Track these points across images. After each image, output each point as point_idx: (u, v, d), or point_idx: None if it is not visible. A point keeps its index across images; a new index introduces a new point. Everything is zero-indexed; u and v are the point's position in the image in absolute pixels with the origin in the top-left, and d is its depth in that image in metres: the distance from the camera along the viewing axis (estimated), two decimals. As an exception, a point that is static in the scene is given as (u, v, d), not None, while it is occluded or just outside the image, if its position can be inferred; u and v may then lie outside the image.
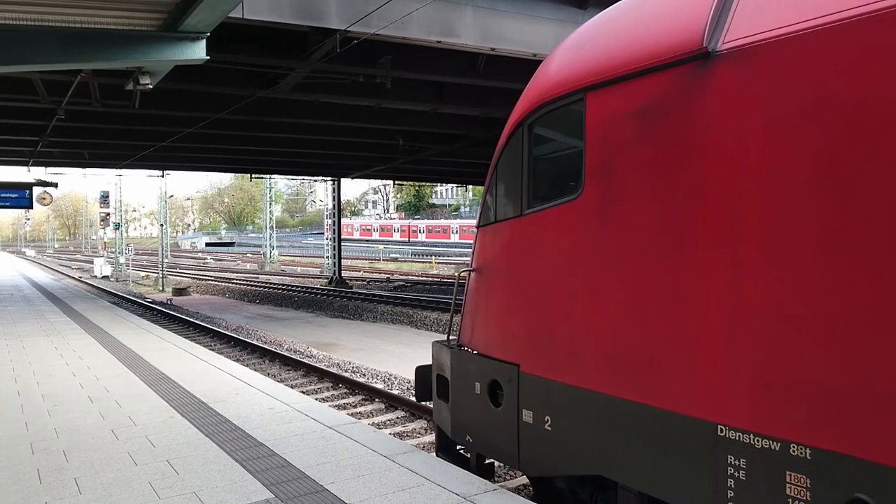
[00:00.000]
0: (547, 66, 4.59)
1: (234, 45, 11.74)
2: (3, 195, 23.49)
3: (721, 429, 3.20)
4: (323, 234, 49.87)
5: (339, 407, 9.94)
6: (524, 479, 6.34)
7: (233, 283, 38.52)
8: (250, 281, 39.15)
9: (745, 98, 3.12)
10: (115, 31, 7.98)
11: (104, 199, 50.66)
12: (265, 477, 4.67)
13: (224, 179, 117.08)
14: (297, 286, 34.02)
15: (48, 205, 31.92)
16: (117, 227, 50.94)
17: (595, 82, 3.93)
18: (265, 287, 34.45)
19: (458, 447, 5.61)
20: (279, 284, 35.63)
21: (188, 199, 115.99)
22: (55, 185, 25.86)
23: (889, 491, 2.59)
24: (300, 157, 26.83)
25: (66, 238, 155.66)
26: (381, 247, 67.28)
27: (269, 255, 54.36)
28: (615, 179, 3.81)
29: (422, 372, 5.97)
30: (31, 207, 25.99)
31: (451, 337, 5.62)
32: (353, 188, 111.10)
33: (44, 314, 16.61)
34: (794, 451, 2.93)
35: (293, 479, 4.63)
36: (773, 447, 3.00)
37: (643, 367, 3.60)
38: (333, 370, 12.30)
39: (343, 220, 45.02)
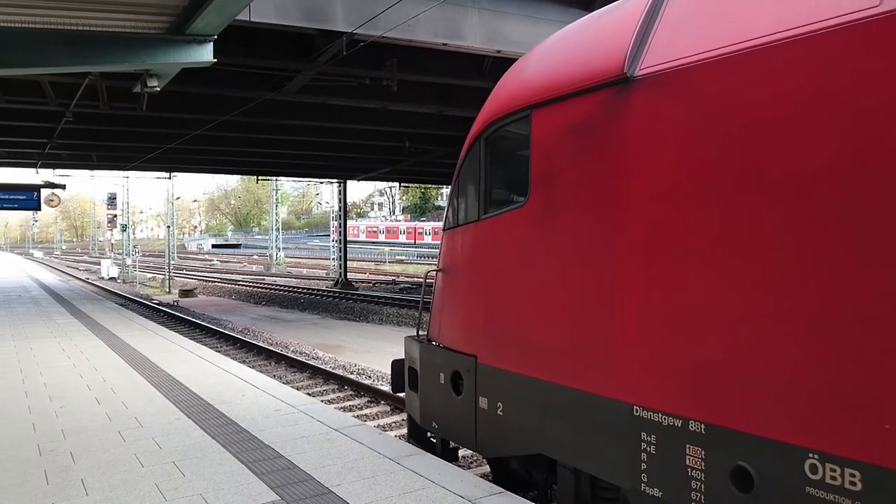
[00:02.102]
0: (500, 86, 5.09)
1: (241, 47, 11.78)
2: (11, 197, 23.65)
3: (636, 409, 3.66)
4: (329, 235, 49.93)
5: (344, 409, 9.94)
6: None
7: (239, 284, 38.61)
8: (256, 283, 39.25)
9: (657, 117, 3.57)
10: (122, 33, 8.02)
11: (111, 200, 50.91)
12: (271, 479, 4.68)
13: (230, 181, 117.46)
14: (303, 288, 34.08)
15: (56, 206, 32.06)
16: (124, 228, 51.13)
17: (539, 101, 4.41)
18: (271, 289, 34.53)
19: (429, 435, 6.05)
20: (285, 286, 35.70)
21: (195, 200, 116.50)
22: (63, 186, 26.02)
23: (765, 459, 3.06)
24: (306, 159, 26.91)
25: (74, 240, 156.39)
26: (387, 249, 67.36)
27: (275, 257, 54.48)
28: (554, 188, 4.27)
29: (397, 365, 6.45)
30: (39, 209, 26.15)
31: (420, 332, 6.14)
32: (358, 190, 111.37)
33: (51, 315, 16.68)
34: (692, 427, 3.38)
35: (299, 480, 4.63)
36: (676, 424, 3.46)
37: (575, 355, 4.06)
38: (339, 372, 12.31)
39: (349, 222, 45.08)
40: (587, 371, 3.97)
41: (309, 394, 11.06)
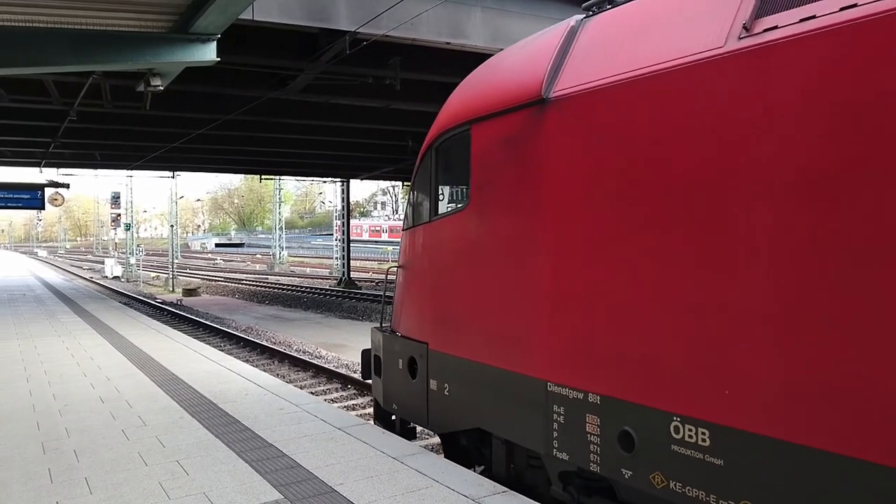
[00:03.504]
0: (449, 102, 5.68)
1: (244, 46, 11.78)
2: (15, 196, 23.71)
3: (549, 385, 4.27)
4: (332, 234, 49.93)
5: (347, 408, 9.95)
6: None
7: (242, 283, 38.67)
8: (259, 282, 39.30)
9: (565, 132, 4.17)
10: (126, 32, 8.02)
11: (115, 199, 51.02)
12: (274, 478, 4.68)
13: (234, 180, 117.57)
14: (307, 287, 34.10)
15: (60, 205, 32.13)
16: (128, 227, 51.24)
17: (476, 117, 4.99)
18: (274, 288, 34.57)
19: (393, 418, 6.60)
20: (288, 285, 35.74)
21: (198, 200, 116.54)
22: (67, 186, 26.07)
23: (642, 423, 3.67)
24: (309, 159, 26.91)
25: (78, 239, 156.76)
26: (390, 248, 67.36)
27: (278, 256, 54.55)
28: (488, 194, 4.85)
29: (365, 354, 7.10)
30: (43, 208, 26.22)
31: (384, 323, 6.76)
32: (361, 189, 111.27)
33: (55, 314, 16.72)
34: (590, 399, 4.00)
35: (302, 480, 4.63)
36: (579, 397, 4.07)
37: (503, 340, 4.67)
38: (342, 371, 12.31)
39: (352, 221, 45.09)
40: (512, 354, 4.59)
41: (312, 393, 11.07)
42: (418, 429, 7.15)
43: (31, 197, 23.94)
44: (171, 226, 44.84)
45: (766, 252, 3.13)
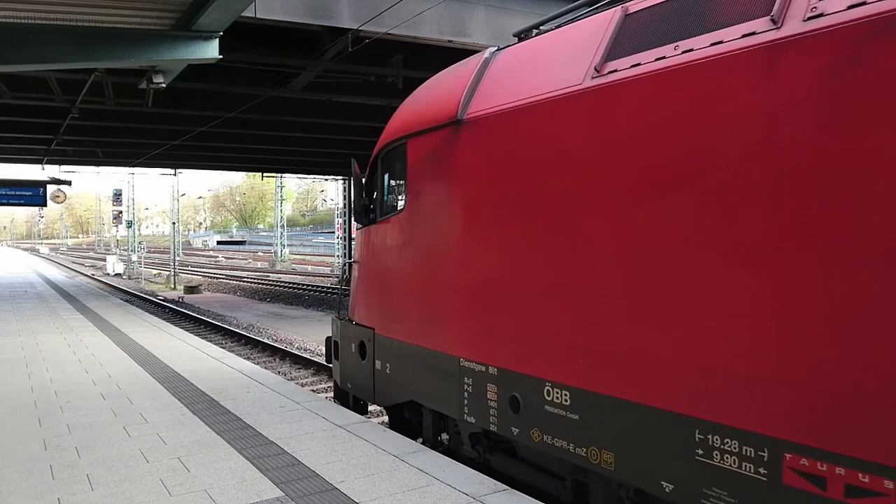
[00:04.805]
0: (393, 117, 6.40)
1: (246, 44, 11.78)
2: (17, 193, 23.72)
3: (462, 361, 5.07)
4: (333, 232, 49.96)
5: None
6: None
7: (244, 281, 38.70)
8: (261, 279, 39.33)
9: (474, 148, 4.96)
10: (128, 30, 8.03)
11: (117, 197, 51.04)
12: (275, 475, 4.68)
13: (235, 178, 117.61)
14: (308, 285, 34.12)
15: (62, 203, 32.18)
16: (130, 225, 51.30)
17: (412, 132, 5.78)
18: (276, 285, 34.59)
19: (353, 398, 7.35)
20: (290, 283, 35.76)
21: (200, 197, 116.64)
22: (69, 183, 26.10)
23: (525, 389, 4.48)
24: (311, 156, 26.92)
25: (80, 235, 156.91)
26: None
27: (279, 254, 54.55)
28: (420, 199, 5.62)
29: (328, 341, 7.85)
30: (45, 205, 26.23)
31: (342, 312, 7.66)
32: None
33: (57, 311, 16.75)
34: (490, 371, 4.78)
35: (303, 477, 4.64)
36: (482, 370, 4.86)
37: (429, 324, 5.49)
38: (343, 369, 12.30)
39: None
40: (435, 335, 5.39)
41: (313, 390, 11.08)
42: (371, 406, 7.95)
43: (33, 194, 23.96)
44: (173, 223, 44.90)
45: (606, 247, 3.92)
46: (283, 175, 49.23)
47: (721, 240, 3.31)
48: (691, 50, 3.50)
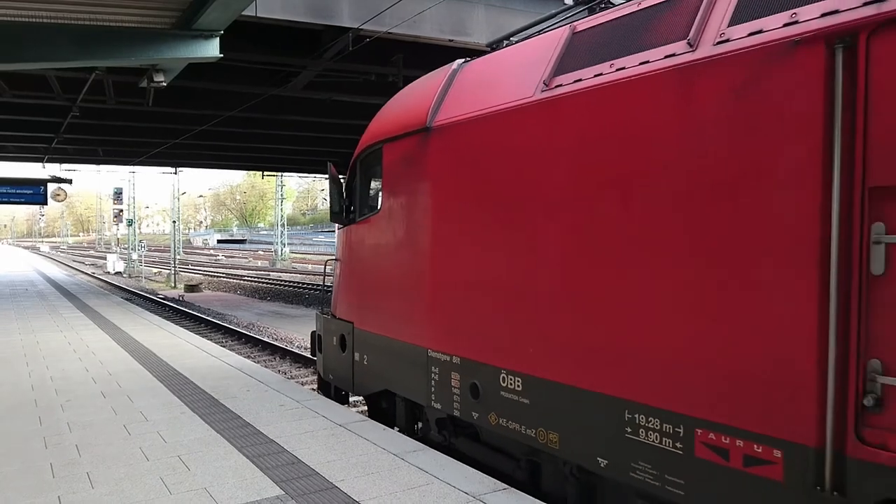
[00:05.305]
0: (371, 123, 6.75)
1: (247, 43, 11.78)
2: (18, 191, 23.71)
3: (430, 352, 5.48)
4: (334, 231, 49.93)
5: (349, 405, 9.95)
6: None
7: (244, 280, 38.70)
8: (261, 278, 39.31)
9: (440, 153, 5.37)
10: (129, 28, 8.03)
11: (117, 195, 51.02)
12: (275, 474, 4.69)
13: (236, 177, 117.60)
14: (308, 283, 34.10)
15: (62, 201, 32.19)
16: (130, 223, 51.30)
17: (387, 137, 6.17)
18: (276, 284, 34.59)
19: (338, 390, 7.70)
20: (290, 282, 35.75)
21: (200, 196, 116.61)
22: (69, 181, 26.10)
23: (483, 376, 4.88)
24: (312, 155, 26.91)
25: (80, 234, 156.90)
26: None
27: (280, 253, 54.55)
28: (394, 200, 6.02)
29: (313, 334, 8.25)
30: (46, 203, 26.22)
31: (325, 308, 8.00)
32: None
33: (57, 309, 16.76)
34: (454, 361, 5.20)
35: (303, 475, 4.65)
36: (447, 359, 5.27)
37: (401, 318, 5.88)
38: (344, 368, 12.30)
39: (354, 218, 44.96)
40: (407, 329, 5.78)
41: (314, 389, 11.08)
42: (353, 397, 8.51)
43: (33, 192, 23.95)
44: (174, 222, 44.90)
45: (550, 246, 4.32)
46: (284, 174, 49.22)
47: (645, 239, 3.70)
48: (624, 68, 3.89)
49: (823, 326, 2.93)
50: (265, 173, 43.57)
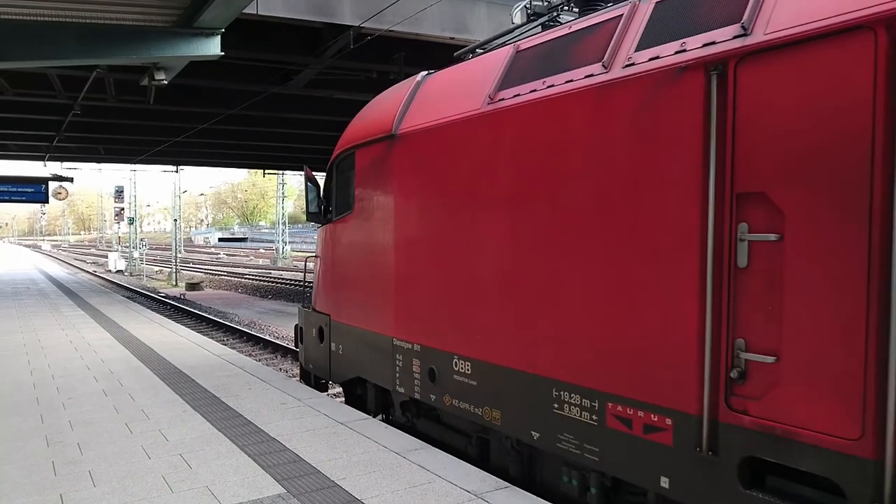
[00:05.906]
0: (347, 129, 7.24)
1: (248, 41, 11.76)
2: (19, 190, 23.73)
3: (395, 340, 5.98)
4: (335, 230, 49.80)
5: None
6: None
7: (245, 278, 38.70)
8: (263, 276, 39.31)
9: (403, 158, 5.88)
10: (131, 27, 8.03)
11: (119, 194, 51.00)
12: (277, 472, 4.69)
13: (237, 175, 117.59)
14: (309, 282, 34.06)
15: (64, 199, 32.20)
16: (131, 221, 51.30)
17: (358, 143, 6.68)
18: (277, 282, 34.59)
19: (320, 380, 8.21)
20: (291, 280, 35.73)
21: (201, 194, 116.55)
22: (71, 179, 26.13)
23: (439, 362, 5.38)
24: (313, 153, 26.85)
25: (82, 233, 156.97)
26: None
27: (281, 251, 54.55)
28: (364, 201, 6.57)
29: (296, 327, 8.71)
30: (47, 202, 26.25)
31: (307, 302, 8.52)
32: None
33: (59, 308, 16.77)
34: (415, 348, 5.70)
35: (305, 474, 4.64)
36: (409, 347, 5.78)
37: (371, 309, 6.40)
38: (345, 366, 12.29)
39: (355, 217, 44.90)
40: (375, 319, 6.30)
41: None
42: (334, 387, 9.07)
43: (34, 191, 23.97)
44: (175, 220, 44.89)
45: (491, 243, 4.80)
46: (285, 172, 49.19)
47: (565, 237, 4.21)
48: (553, 85, 4.35)
49: (702, 311, 3.39)
50: (266, 171, 43.51)
